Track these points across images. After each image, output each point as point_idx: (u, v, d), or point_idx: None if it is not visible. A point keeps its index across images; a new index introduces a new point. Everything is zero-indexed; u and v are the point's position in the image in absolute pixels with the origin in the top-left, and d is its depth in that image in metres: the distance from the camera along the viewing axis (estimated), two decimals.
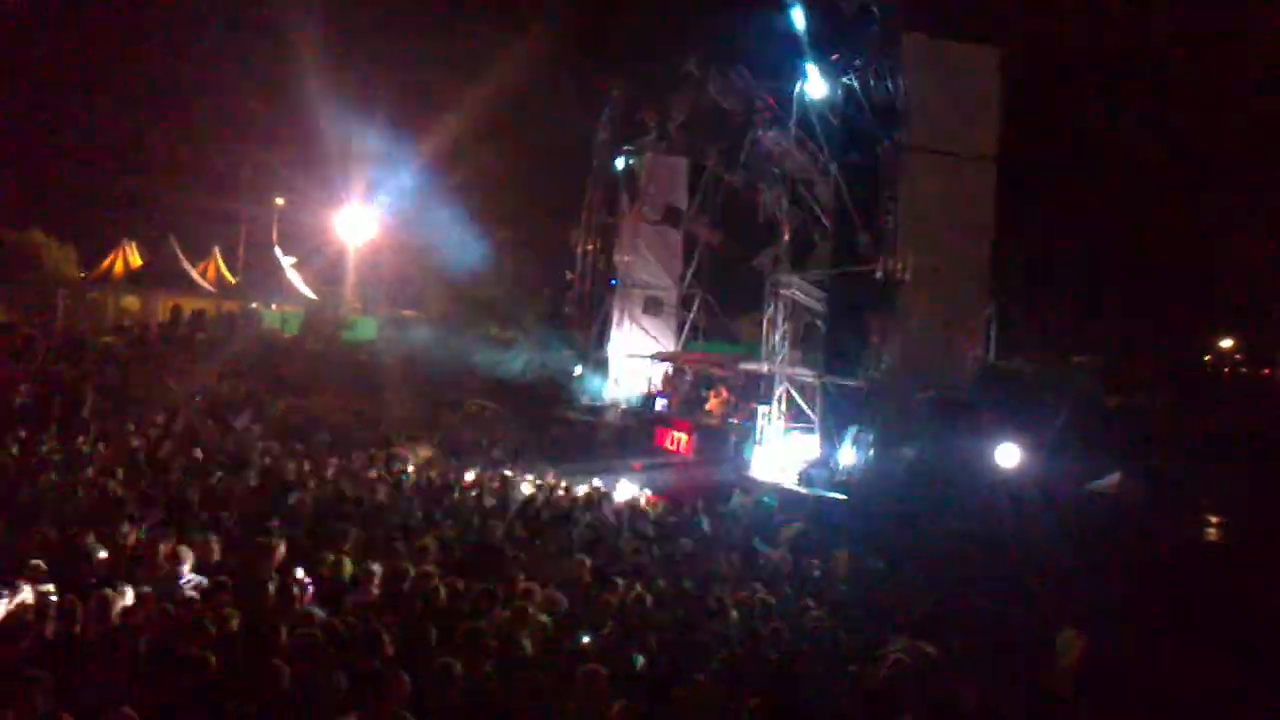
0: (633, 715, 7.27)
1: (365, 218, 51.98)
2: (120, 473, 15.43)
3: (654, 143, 27.11)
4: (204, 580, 9.74)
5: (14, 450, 16.31)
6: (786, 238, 21.60)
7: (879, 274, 17.90)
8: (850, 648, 9.50)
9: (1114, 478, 14.13)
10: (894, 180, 18.24)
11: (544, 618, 9.47)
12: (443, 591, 9.96)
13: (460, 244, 46.35)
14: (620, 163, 28.35)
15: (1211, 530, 15.04)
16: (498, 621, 9.22)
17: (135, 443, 18.22)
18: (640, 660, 8.60)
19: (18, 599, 8.68)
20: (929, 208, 18.15)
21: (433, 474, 18.81)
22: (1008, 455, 14.69)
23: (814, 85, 20.37)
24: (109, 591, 8.79)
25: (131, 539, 11.17)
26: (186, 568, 9.97)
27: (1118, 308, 19.56)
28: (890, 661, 8.81)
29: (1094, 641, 9.95)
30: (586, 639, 9.05)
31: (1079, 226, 20.27)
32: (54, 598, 8.68)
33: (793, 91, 20.84)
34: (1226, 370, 32.67)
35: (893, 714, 7.94)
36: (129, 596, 8.90)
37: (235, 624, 8.34)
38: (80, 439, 17.99)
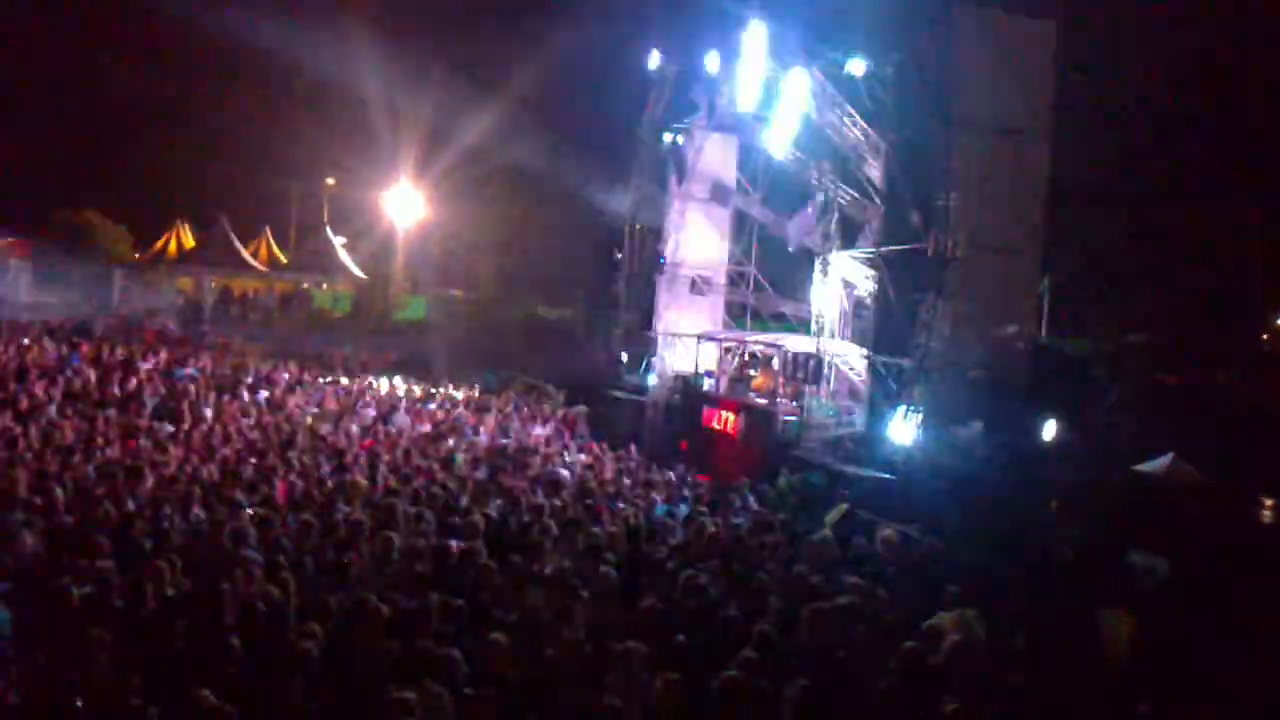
0: (674, 691, 7.29)
1: (414, 198, 52.27)
2: (176, 451, 15.71)
3: (703, 121, 26.97)
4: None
5: (70, 428, 16.62)
6: (836, 215, 21.45)
7: (930, 251, 17.74)
8: (899, 627, 9.45)
9: (1165, 460, 13.94)
10: (945, 156, 18.04)
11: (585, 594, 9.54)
12: (488, 568, 10.07)
13: (508, 224, 46.56)
14: (669, 141, 28.23)
15: (1266, 512, 14.81)
16: (543, 599, 9.30)
17: (187, 423, 18.51)
18: (681, 638, 8.62)
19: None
20: (981, 184, 17.93)
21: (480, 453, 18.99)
22: (1049, 430, 14.56)
23: (856, 65, 20.19)
24: (163, 566, 8.99)
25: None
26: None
27: (1174, 285, 19.24)
28: (949, 644, 8.75)
29: (1144, 623, 9.88)
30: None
31: (1134, 202, 19.96)
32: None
33: (844, 67, 20.65)
34: None
35: (941, 693, 7.90)
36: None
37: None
38: (138, 418, 18.31)
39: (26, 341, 25.46)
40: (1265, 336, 33.32)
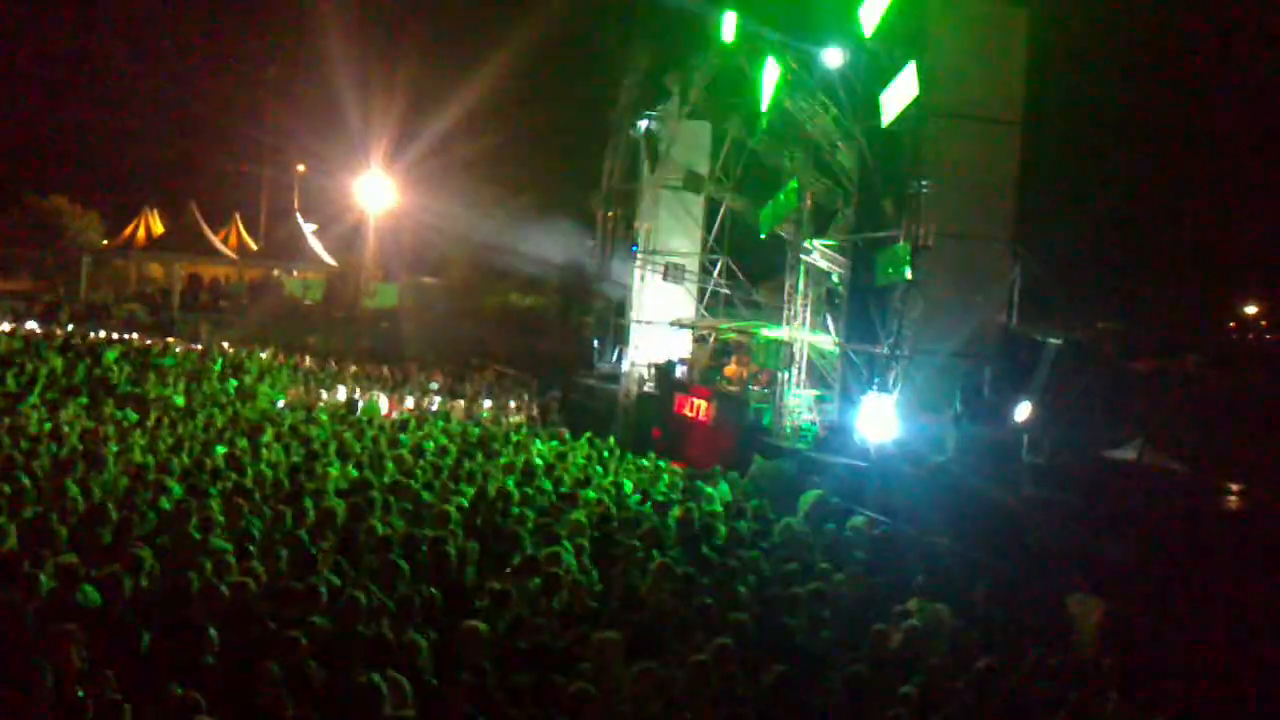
0: (649, 680, 7.29)
1: (385, 185, 52.00)
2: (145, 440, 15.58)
3: (676, 108, 26.91)
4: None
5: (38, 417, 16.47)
6: (808, 204, 21.45)
7: (901, 240, 17.77)
8: (868, 612, 9.49)
9: (1134, 446, 14.05)
10: (917, 145, 18.07)
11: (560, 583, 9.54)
12: (460, 555, 10.06)
13: (480, 210, 46.41)
14: (642, 128, 28.16)
15: (1232, 498, 14.95)
16: (522, 588, 9.29)
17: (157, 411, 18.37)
18: (658, 627, 8.62)
19: None
20: (952, 173, 17.96)
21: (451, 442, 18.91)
22: (1022, 413, 14.63)
23: (832, 56, 20.20)
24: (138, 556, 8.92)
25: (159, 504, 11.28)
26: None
27: (1143, 273, 19.38)
28: (905, 627, 8.82)
29: (1113, 607, 9.95)
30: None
31: (1104, 191, 20.07)
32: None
33: (817, 55, 20.64)
34: (1251, 336, 32.41)
35: (907, 677, 7.95)
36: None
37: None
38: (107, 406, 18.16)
39: None
40: (1233, 325, 33.65)
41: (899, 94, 17.89)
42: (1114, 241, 19.94)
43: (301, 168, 55.78)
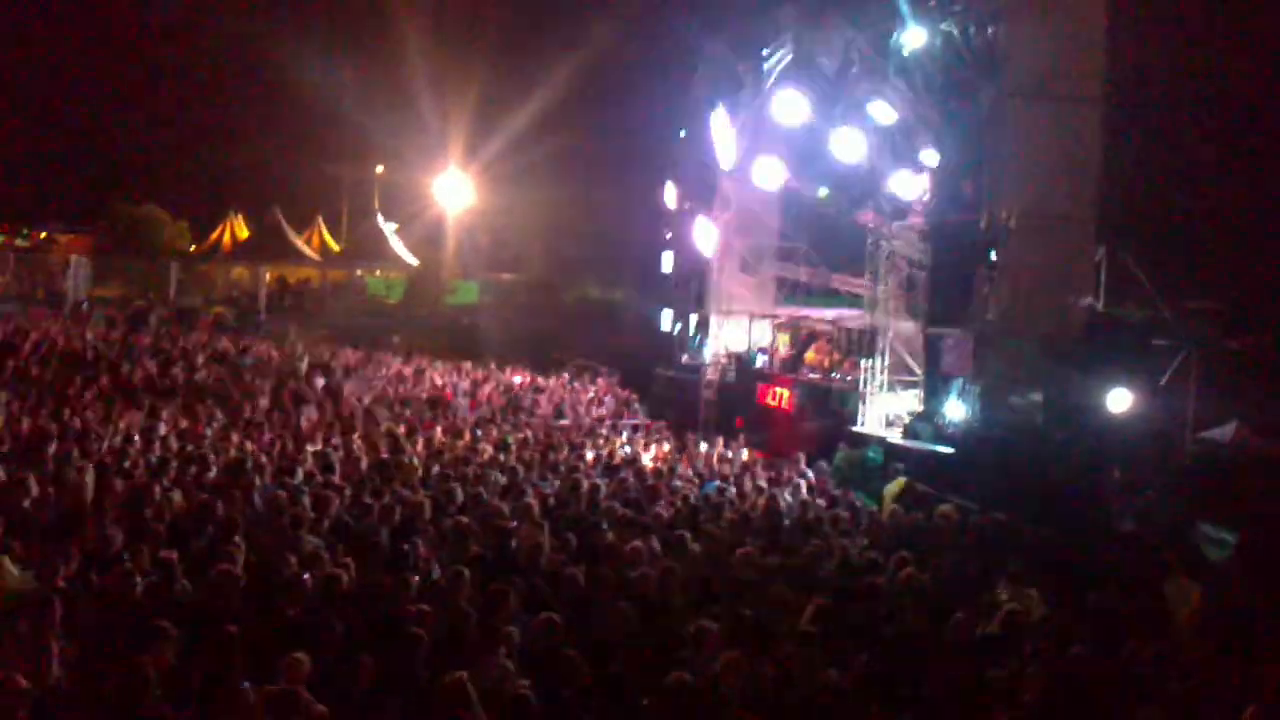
0: (740, 667, 7.30)
1: (463, 183, 52.48)
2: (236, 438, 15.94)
3: (750, 97, 26.74)
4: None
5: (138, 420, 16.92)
6: (887, 189, 21.24)
7: (983, 223, 17.51)
8: (957, 600, 9.38)
9: (1230, 428, 13.71)
10: (996, 127, 17.78)
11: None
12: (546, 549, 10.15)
13: (556, 206, 46.65)
14: (714, 117, 28.04)
15: None
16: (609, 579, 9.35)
17: (248, 411, 18.78)
18: (749, 614, 8.60)
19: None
20: (1033, 153, 17.63)
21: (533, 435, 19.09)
22: (1119, 401, 14.30)
23: (912, 33, 19.93)
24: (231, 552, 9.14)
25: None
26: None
27: (1236, 249, 18.85)
28: (1004, 613, 8.70)
29: (1211, 593, 9.73)
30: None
31: (1192, 165, 19.56)
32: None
33: (890, 40, 20.41)
34: None
35: (999, 664, 7.86)
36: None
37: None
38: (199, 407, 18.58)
39: (89, 335, 25.91)
40: None
41: (977, 76, 17.61)
42: (1203, 218, 19.44)
43: (381, 168, 56.49)
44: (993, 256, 17.18)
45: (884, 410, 20.48)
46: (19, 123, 50.26)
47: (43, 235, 56.35)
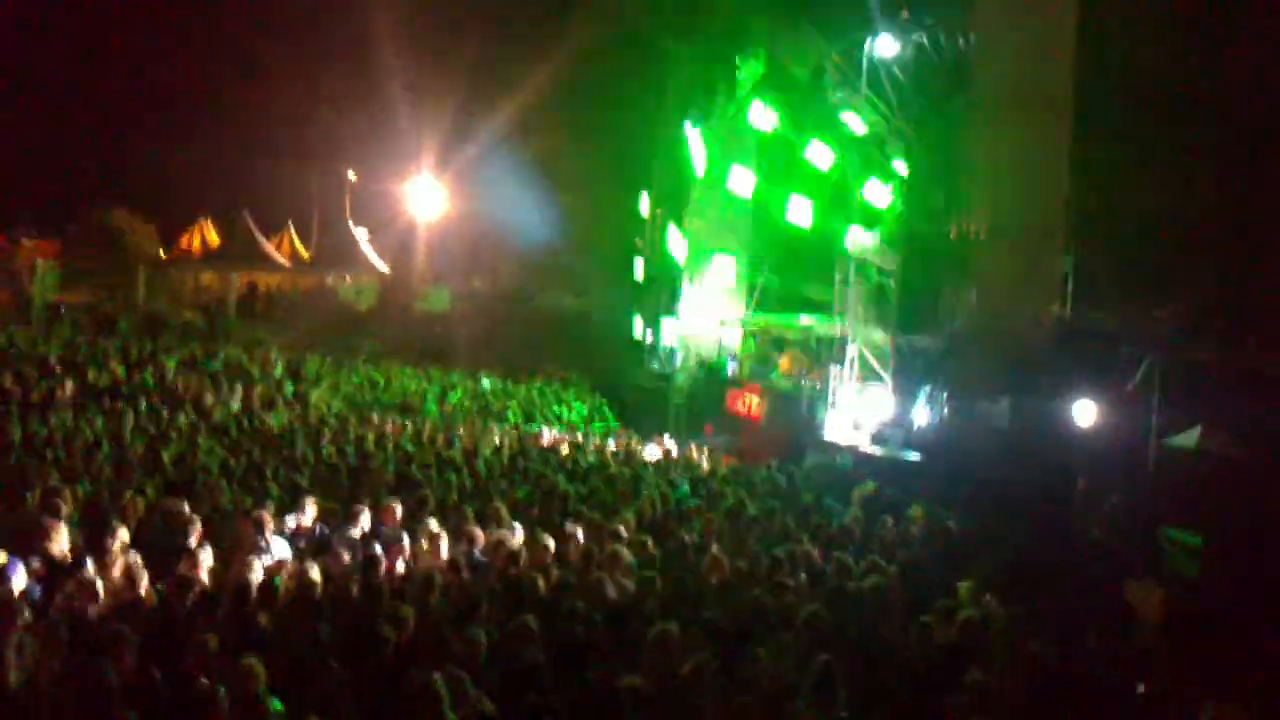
0: (704, 672, 7.28)
1: (435, 189, 52.35)
2: (204, 443, 15.83)
3: (723, 105, 26.84)
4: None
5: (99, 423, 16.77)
6: (858, 198, 21.37)
7: (952, 232, 17.64)
8: (922, 606, 9.42)
9: (1195, 432, 13.82)
10: (966, 137, 17.92)
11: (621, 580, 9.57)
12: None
13: (529, 213, 46.59)
14: (688, 126, 28.13)
15: None
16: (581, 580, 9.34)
17: (218, 415, 18.67)
18: (712, 619, 8.60)
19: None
20: (1002, 163, 17.79)
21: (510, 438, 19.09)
22: (1084, 412, 14.43)
23: (884, 44, 20.08)
24: (196, 555, 9.08)
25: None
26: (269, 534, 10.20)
27: (1203, 257, 19.02)
28: (962, 619, 8.75)
29: (1174, 596, 9.81)
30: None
31: (1158, 174, 19.73)
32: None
33: (862, 51, 20.55)
34: None
35: (962, 670, 7.89)
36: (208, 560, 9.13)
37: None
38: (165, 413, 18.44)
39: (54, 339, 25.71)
40: None
41: (946, 87, 17.77)
42: (1170, 226, 19.60)
43: (353, 174, 56.29)
44: (961, 265, 17.28)
45: (853, 417, 20.56)
46: None
47: (8, 239, 55.78)
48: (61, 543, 9.23)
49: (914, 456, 17.42)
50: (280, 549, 10.03)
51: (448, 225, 53.78)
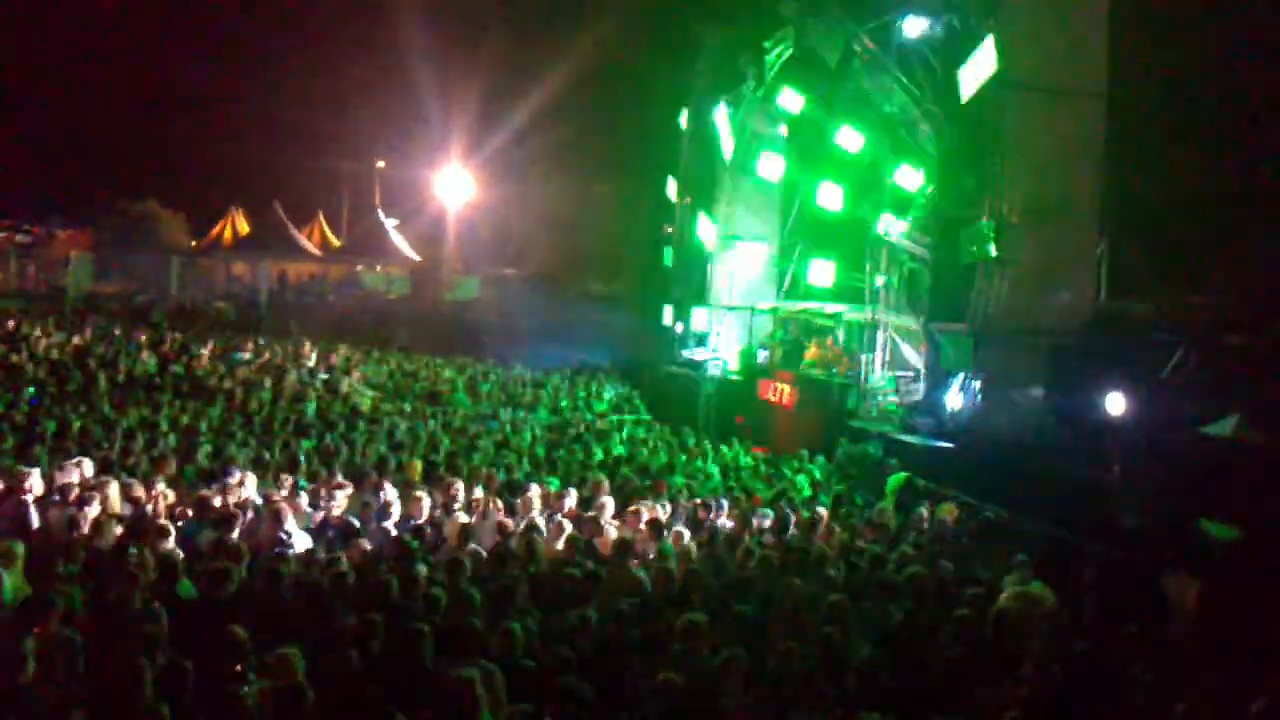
0: (737, 663, 7.26)
1: (464, 178, 52.40)
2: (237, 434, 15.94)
3: (751, 90, 26.70)
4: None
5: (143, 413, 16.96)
6: (889, 182, 21.21)
7: (985, 217, 17.46)
8: (958, 597, 9.36)
9: (1231, 422, 13.64)
10: (998, 120, 17.72)
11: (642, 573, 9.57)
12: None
13: (557, 201, 46.59)
14: (716, 111, 28.01)
15: None
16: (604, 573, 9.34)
17: (253, 404, 18.80)
18: (748, 609, 8.57)
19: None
20: (1035, 147, 17.58)
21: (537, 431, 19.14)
22: (1114, 404, 14.29)
23: (913, 25, 19.88)
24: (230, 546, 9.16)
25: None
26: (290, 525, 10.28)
27: (1238, 243, 18.76)
28: (997, 610, 8.69)
29: (1212, 588, 9.69)
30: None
31: (1194, 158, 19.47)
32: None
33: (892, 32, 20.37)
34: None
35: (998, 662, 7.83)
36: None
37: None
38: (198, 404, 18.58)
39: (88, 330, 25.92)
40: None
41: (978, 69, 17.58)
42: (1206, 212, 19.35)
43: (382, 163, 56.47)
44: (994, 251, 17.12)
45: (885, 405, 20.46)
46: (19, 119, 50.19)
47: (42, 231, 56.31)
48: (107, 536, 9.36)
49: (946, 445, 17.30)
50: (302, 541, 10.11)
51: (476, 213, 53.88)
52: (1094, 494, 13.66)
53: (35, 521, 9.93)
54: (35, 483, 10.54)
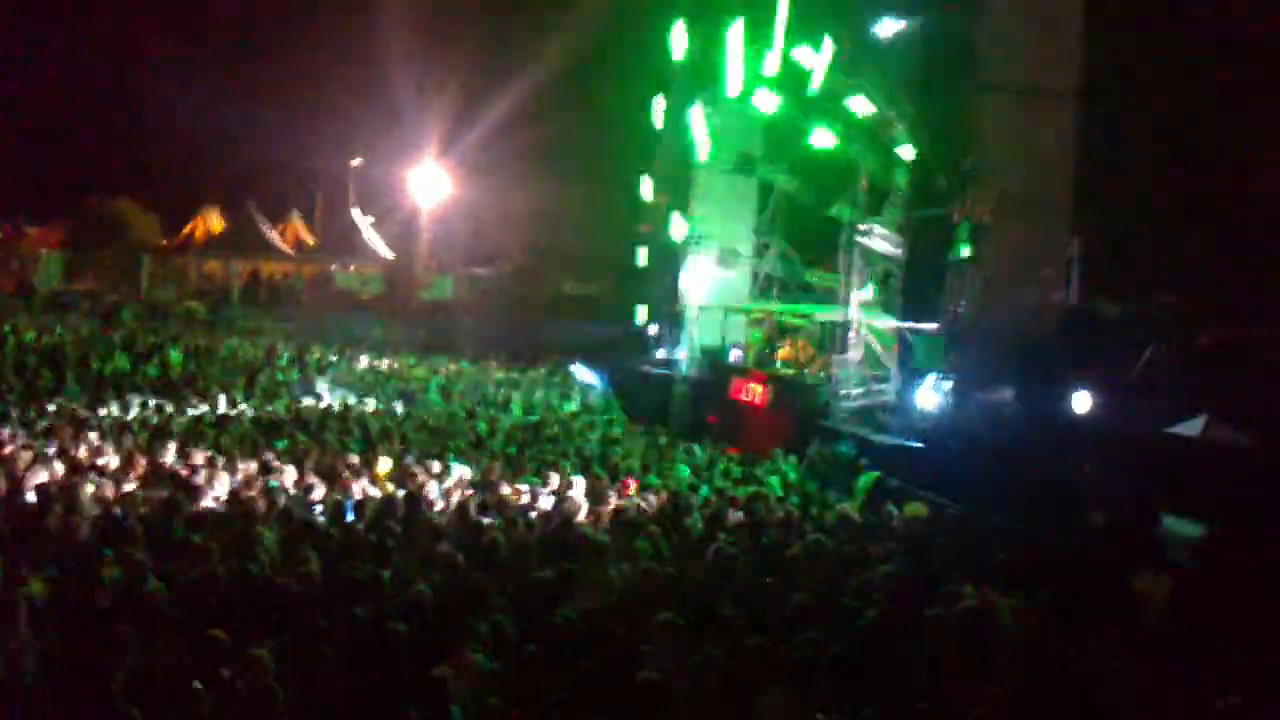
0: (710, 664, 7.27)
1: (439, 176, 52.22)
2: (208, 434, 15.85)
3: (726, 89, 26.67)
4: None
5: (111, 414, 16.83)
6: (863, 183, 21.25)
7: (957, 217, 17.54)
8: (926, 596, 9.39)
9: (1200, 420, 13.77)
10: (972, 121, 17.80)
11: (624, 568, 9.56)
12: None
13: (532, 200, 46.52)
14: (692, 112, 27.98)
15: None
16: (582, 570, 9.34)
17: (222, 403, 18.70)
18: (720, 609, 8.58)
19: None
20: (1009, 148, 17.68)
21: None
22: (1084, 403, 14.39)
23: (889, 25, 19.93)
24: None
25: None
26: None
27: (1208, 244, 18.92)
28: (961, 609, 8.72)
29: (1182, 587, 9.77)
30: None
31: (1167, 159, 19.62)
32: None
33: (868, 32, 20.40)
34: None
35: (969, 661, 7.87)
36: None
37: None
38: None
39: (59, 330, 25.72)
40: None
41: (952, 70, 17.66)
42: (1177, 212, 19.52)
43: (357, 161, 56.18)
44: (966, 251, 17.20)
45: (857, 405, 20.49)
46: None
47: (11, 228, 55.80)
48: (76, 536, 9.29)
49: (917, 445, 17.36)
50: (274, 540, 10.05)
51: (451, 211, 53.69)
52: (1064, 493, 13.74)
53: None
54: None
